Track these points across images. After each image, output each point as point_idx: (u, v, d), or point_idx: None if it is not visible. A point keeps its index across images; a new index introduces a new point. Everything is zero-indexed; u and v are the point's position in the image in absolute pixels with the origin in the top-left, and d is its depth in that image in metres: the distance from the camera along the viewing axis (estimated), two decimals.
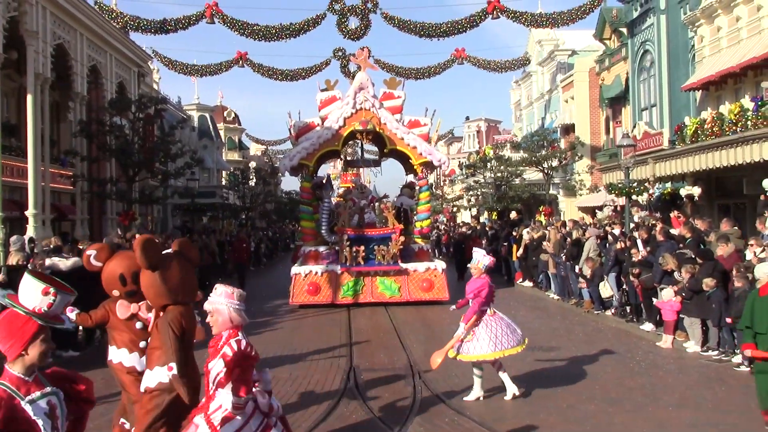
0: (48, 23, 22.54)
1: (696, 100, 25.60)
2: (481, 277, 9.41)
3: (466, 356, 9.25)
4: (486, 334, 9.16)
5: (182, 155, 28.64)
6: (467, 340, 9.23)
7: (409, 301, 18.83)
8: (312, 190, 20.62)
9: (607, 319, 16.09)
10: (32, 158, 19.05)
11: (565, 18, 30.85)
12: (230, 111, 69.72)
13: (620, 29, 31.76)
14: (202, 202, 42.77)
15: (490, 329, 9.20)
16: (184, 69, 34.86)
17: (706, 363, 11.55)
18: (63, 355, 12.51)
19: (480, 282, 9.36)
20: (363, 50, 22.32)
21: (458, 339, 9.30)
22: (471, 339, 9.22)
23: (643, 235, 15.46)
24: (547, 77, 45.31)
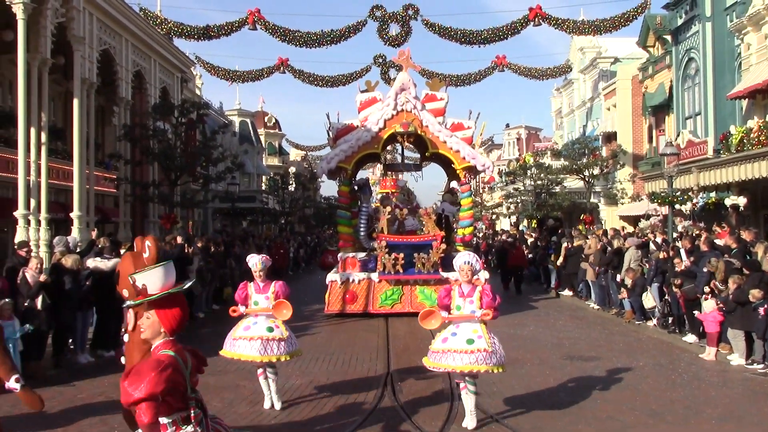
0: (94, 29, 22.98)
1: (742, 108, 25.13)
2: (475, 281, 8.42)
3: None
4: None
5: (223, 160, 28.93)
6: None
7: None
8: (350, 194, 20.10)
9: (649, 330, 15.85)
10: (77, 161, 19.38)
11: (608, 25, 30.61)
12: (271, 116, 70.25)
13: (664, 36, 31.35)
14: (242, 207, 43.14)
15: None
16: (226, 75, 35.32)
17: (750, 376, 11.30)
18: (105, 355, 12.68)
19: (488, 288, 8.32)
20: (405, 50, 21.63)
21: (466, 317, 8.13)
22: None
23: (687, 245, 15.21)
24: (589, 85, 44.88)
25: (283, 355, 9.02)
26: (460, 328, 8.14)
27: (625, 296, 17.31)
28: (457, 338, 8.08)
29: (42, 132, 18.13)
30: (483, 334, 8.08)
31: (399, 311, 18.01)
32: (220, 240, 22.54)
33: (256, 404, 9.37)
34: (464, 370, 8.00)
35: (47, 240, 16.50)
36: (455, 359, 7.99)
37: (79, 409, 9.22)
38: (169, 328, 4.27)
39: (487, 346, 7.99)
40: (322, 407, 9.34)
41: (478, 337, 8.03)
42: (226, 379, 10.52)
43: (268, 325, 9.03)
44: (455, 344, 8.04)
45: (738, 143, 21.88)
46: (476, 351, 7.94)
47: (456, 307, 8.23)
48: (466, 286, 8.29)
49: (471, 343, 7.99)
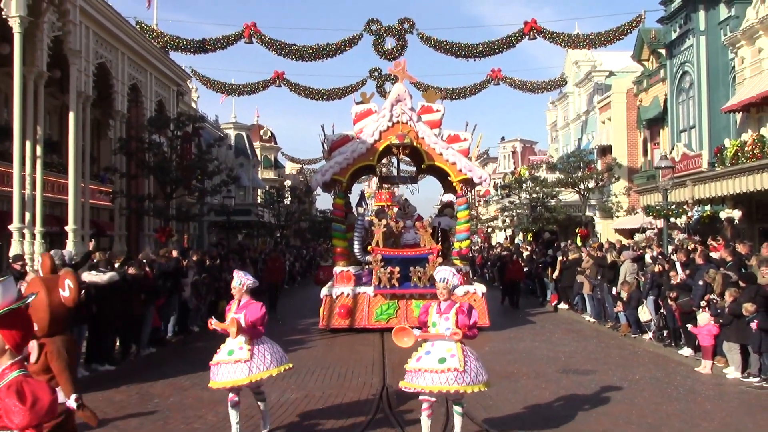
0: (91, 43, 23.01)
1: (736, 121, 25.25)
2: (453, 299, 8.16)
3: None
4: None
5: (219, 173, 28.92)
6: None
7: None
8: (345, 207, 19.82)
9: (645, 343, 15.84)
10: (73, 175, 19.36)
11: (602, 39, 30.75)
12: (266, 130, 70.33)
13: (659, 50, 31.55)
14: (237, 220, 43.08)
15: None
16: (221, 88, 35.37)
17: (746, 390, 11.29)
18: (99, 369, 12.63)
19: (466, 305, 8.12)
20: (400, 61, 21.33)
21: (439, 336, 7.85)
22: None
23: (682, 258, 15.23)
24: (584, 98, 45.06)
25: (248, 378, 8.21)
26: (435, 347, 7.86)
27: (620, 309, 17.31)
28: (431, 357, 7.81)
29: (37, 145, 18.11)
30: (457, 352, 7.74)
31: (395, 326, 17.73)
32: (215, 253, 22.50)
33: (251, 418, 9.33)
34: (433, 390, 7.71)
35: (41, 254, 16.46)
36: (426, 379, 7.72)
37: None
38: (13, 344, 4.01)
39: (459, 365, 7.65)
40: (317, 421, 9.31)
41: (451, 356, 7.72)
42: (220, 393, 10.45)
43: (229, 348, 8.35)
44: (428, 363, 7.77)
45: (732, 156, 21.97)
46: (447, 371, 7.64)
47: (432, 324, 7.97)
48: (444, 303, 8.04)
49: (443, 362, 7.69)
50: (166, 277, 15.58)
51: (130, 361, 13.74)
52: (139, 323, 14.19)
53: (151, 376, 12.17)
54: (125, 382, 11.75)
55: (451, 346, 7.79)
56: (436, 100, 20.12)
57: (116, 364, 13.17)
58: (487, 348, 15.41)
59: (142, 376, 12.36)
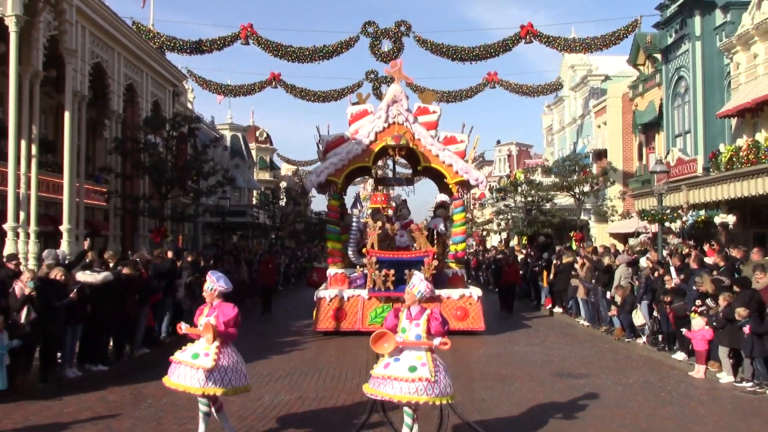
0: (87, 42, 23.00)
1: (731, 127, 25.32)
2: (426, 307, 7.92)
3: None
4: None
5: (214, 174, 28.93)
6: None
7: None
8: (340, 209, 19.63)
9: (639, 348, 15.86)
10: (68, 174, 19.34)
11: (598, 43, 30.83)
12: (262, 131, 70.33)
13: (654, 55, 31.61)
14: (232, 221, 43.09)
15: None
16: (218, 89, 35.37)
17: (739, 394, 11.31)
18: (93, 369, 12.60)
19: (437, 312, 7.94)
20: (397, 61, 21.08)
21: (417, 343, 7.62)
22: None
23: (677, 263, 15.27)
24: (580, 102, 45.13)
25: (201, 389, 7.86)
26: (404, 354, 7.60)
27: (614, 314, 17.32)
28: (400, 364, 7.51)
29: (32, 144, 18.10)
30: (427, 361, 7.49)
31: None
32: (210, 255, 22.47)
33: (245, 419, 9.33)
34: (402, 400, 7.44)
35: (36, 253, 16.44)
36: (394, 387, 7.41)
37: (65, 424, 9.14)
38: None
39: (430, 375, 7.38)
40: (311, 423, 9.30)
41: (422, 365, 7.46)
42: None
43: (194, 351, 7.99)
44: (397, 371, 7.47)
45: (727, 161, 22.03)
46: (417, 380, 7.35)
47: (402, 330, 7.73)
48: (414, 307, 7.80)
49: (413, 370, 7.41)
50: (161, 277, 15.54)
51: (124, 362, 13.71)
52: (133, 323, 14.16)
53: (144, 377, 12.13)
54: (119, 383, 11.72)
55: (421, 354, 7.55)
56: (433, 101, 19.89)
57: (110, 365, 13.14)
58: (481, 351, 15.45)
59: (136, 376, 12.34)
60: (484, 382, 12.11)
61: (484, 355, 14.99)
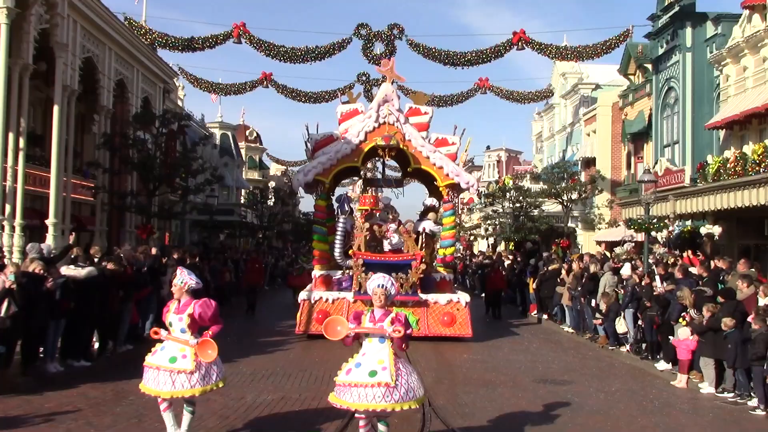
0: (78, 36, 22.88)
1: (719, 138, 25.48)
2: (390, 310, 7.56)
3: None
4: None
5: (203, 172, 28.85)
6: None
7: (427, 336, 16.94)
8: (327, 209, 19.21)
9: (622, 356, 15.91)
10: (55, 168, 19.24)
11: (590, 52, 30.96)
12: (252, 130, 70.20)
13: (645, 65, 31.79)
14: (220, 219, 42.98)
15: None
16: (209, 87, 35.30)
17: (720, 405, 11.37)
18: (75, 364, 12.52)
19: (402, 315, 7.51)
20: (389, 60, 20.62)
21: (376, 330, 7.25)
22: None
23: (661, 272, 15.34)
24: (570, 110, 45.29)
25: (191, 390, 7.75)
26: (366, 358, 7.20)
27: (600, 323, 17.34)
28: (361, 370, 7.13)
29: (20, 137, 18.00)
30: (389, 365, 7.08)
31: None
32: (196, 252, 22.37)
33: (227, 418, 9.30)
34: (359, 409, 7.06)
35: (21, 246, 16.33)
36: (353, 395, 7.07)
37: (45, 419, 9.07)
38: None
39: (390, 379, 6.99)
40: (293, 423, 9.27)
41: (382, 369, 7.05)
42: None
43: (171, 354, 7.75)
44: (357, 377, 7.10)
45: (715, 173, 22.16)
46: (376, 386, 6.97)
47: (366, 335, 7.35)
48: (378, 311, 7.38)
49: (373, 375, 7.03)
50: (143, 274, 15.42)
51: (107, 358, 13.63)
52: (116, 319, 14.09)
53: (127, 374, 12.05)
54: (101, 379, 11.65)
55: (383, 357, 7.14)
56: (425, 102, 19.44)
57: (92, 360, 13.06)
58: (465, 356, 15.44)
59: (118, 373, 12.27)
60: (468, 386, 12.12)
61: (468, 360, 14.99)
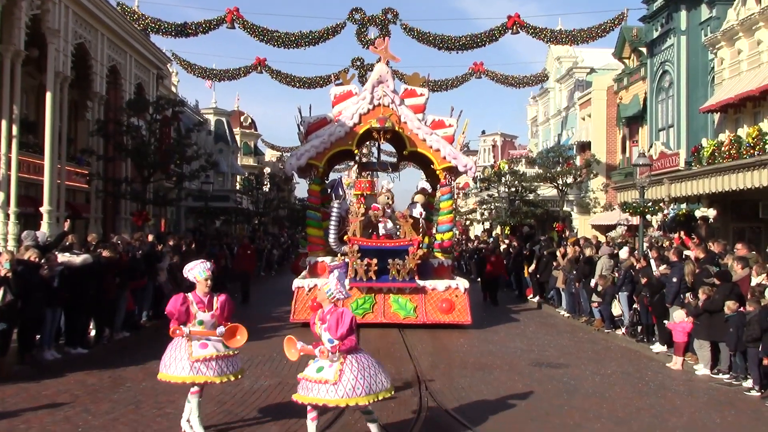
0: (70, 22, 22.73)
1: (714, 122, 25.49)
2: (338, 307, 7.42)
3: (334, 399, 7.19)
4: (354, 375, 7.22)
5: (197, 158, 28.78)
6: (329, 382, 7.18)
7: (425, 323, 16.71)
8: (321, 194, 18.78)
9: (618, 339, 15.97)
10: (49, 156, 19.17)
11: (584, 36, 30.84)
12: (247, 116, 69.95)
13: (640, 49, 31.74)
14: (215, 206, 42.90)
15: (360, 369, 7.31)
16: (202, 73, 35.10)
17: (716, 386, 11.44)
18: (72, 351, 12.52)
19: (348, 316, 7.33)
20: (383, 39, 19.91)
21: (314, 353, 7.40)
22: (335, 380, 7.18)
23: (655, 255, 15.38)
24: (565, 94, 45.25)
25: (233, 374, 8.11)
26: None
27: (597, 306, 17.34)
28: (312, 366, 7.40)
29: (13, 125, 17.92)
30: (335, 361, 7.24)
31: (371, 321, 16.56)
32: (191, 240, 22.28)
33: (224, 404, 9.32)
34: (304, 401, 7.32)
35: (16, 234, 16.30)
36: (303, 388, 7.37)
37: (42, 406, 9.09)
38: None
39: (332, 377, 7.13)
40: (291, 409, 9.28)
41: (329, 366, 7.24)
42: None
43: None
44: (308, 371, 7.36)
45: (709, 156, 22.17)
46: (320, 382, 7.17)
47: (319, 333, 7.43)
48: (327, 305, 7.42)
49: (319, 371, 7.25)
50: (138, 261, 15.38)
51: (104, 345, 13.63)
52: (112, 307, 14.08)
53: (124, 361, 12.09)
54: (98, 366, 11.66)
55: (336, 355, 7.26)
56: (421, 83, 18.96)
57: (89, 348, 13.07)
58: (462, 341, 15.49)
59: (115, 360, 12.28)
60: (464, 370, 12.17)
61: (464, 344, 15.03)
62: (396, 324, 16.71)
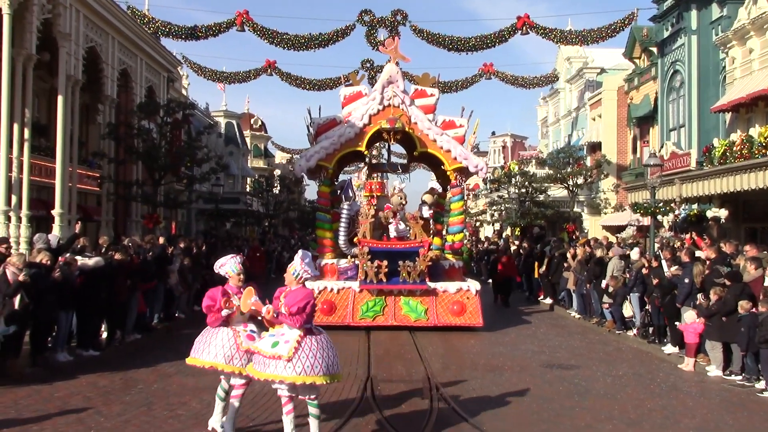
0: (81, 26, 22.85)
1: (725, 121, 25.37)
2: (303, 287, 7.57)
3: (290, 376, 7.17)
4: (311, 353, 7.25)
5: (208, 160, 28.88)
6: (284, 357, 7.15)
7: (437, 325, 16.57)
8: (331, 195, 18.66)
9: (629, 340, 15.92)
10: (60, 159, 19.28)
11: (594, 36, 30.74)
12: (257, 119, 70.09)
13: (650, 48, 31.63)
14: (226, 208, 43.03)
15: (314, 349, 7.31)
16: (213, 75, 35.19)
17: (728, 387, 11.39)
18: (84, 354, 12.58)
19: (306, 296, 7.41)
20: (393, 38, 19.78)
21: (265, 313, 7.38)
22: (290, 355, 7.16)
23: (667, 255, 15.32)
24: (575, 95, 45.14)
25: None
26: (278, 329, 7.38)
27: (608, 307, 17.27)
28: (266, 339, 7.39)
29: (25, 128, 18.04)
30: (291, 338, 7.20)
31: (381, 324, 16.51)
32: (201, 242, 22.34)
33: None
34: (260, 377, 7.28)
35: (27, 237, 16.40)
36: (258, 363, 7.30)
37: (55, 408, 9.14)
38: None
39: (287, 353, 7.09)
40: (301, 410, 9.29)
41: (285, 342, 7.19)
42: (205, 380, 10.42)
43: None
44: (263, 345, 7.32)
45: (721, 156, 22.08)
46: (275, 357, 7.13)
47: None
48: (295, 285, 7.55)
49: (275, 346, 7.20)
50: (149, 264, 15.45)
51: (115, 347, 13.69)
52: (124, 309, 14.14)
53: (135, 363, 12.14)
54: (109, 368, 11.71)
55: (288, 333, 7.26)
56: (431, 84, 18.80)
57: (101, 350, 13.13)
58: (472, 342, 15.48)
59: (127, 362, 12.33)
60: (475, 371, 12.16)
61: (475, 346, 15.02)
62: (407, 327, 16.59)
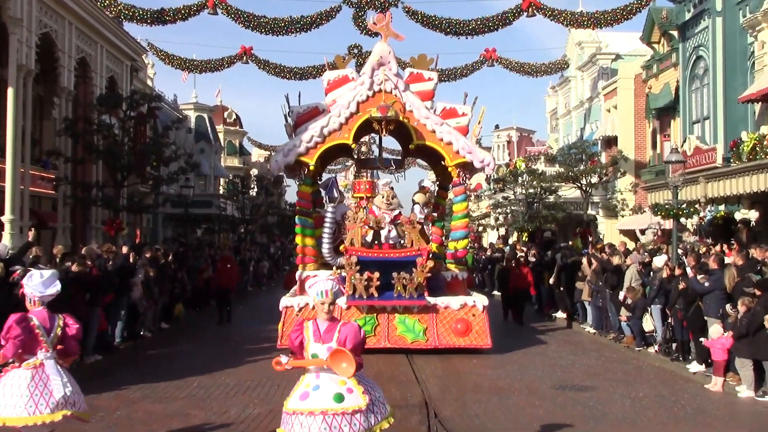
0: (34, 10, 22.79)
1: (755, 113, 25.44)
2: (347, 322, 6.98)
3: None
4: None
5: (176, 159, 28.82)
6: None
7: (437, 348, 15.85)
8: (313, 197, 18.04)
9: (650, 357, 15.94)
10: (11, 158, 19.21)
11: (608, 18, 30.81)
12: (231, 112, 70.05)
13: (670, 32, 31.72)
14: (196, 213, 42.85)
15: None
16: (181, 64, 35.11)
17: (761, 410, 11.41)
18: None
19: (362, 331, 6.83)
20: (385, 14, 19.26)
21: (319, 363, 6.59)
22: None
23: (692, 262, 15.34)
24: (588, 83, 45.25)
25: None
26: (322, 378, 6.52)
27: (625, 320, 17.29)
28: (321, 393, 6.44)
29: None
30: (353, 384, 6.47)
31: (373, 347, 14.85)
32: (176, 249, 22.26)
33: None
34: None
35: None
36: (317, 423, 6.32)
37: None
38: None
39: (362, 401, 6.41)
40: None
41: (348, 391, 6.43)
42: (174, 406, 10.42)
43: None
44: (321, 402, 6.40)
45: (750, 151, 22.12)
46: (351, 413, 6.33)
47: (312, 356, 6.60)
48: (323, 323, 6.71)
49: (340, 400, 6.36)
50: (110, 275, 15.37)
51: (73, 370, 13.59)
52: (83, 328, 14.04)
53: (96, 387, 12.05)
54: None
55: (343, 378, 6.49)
56: (429, 66, 17.95)
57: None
58: (474, 361, 15.45)
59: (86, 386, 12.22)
60: (478, 395, 12.14)
61: (477, 365, 15.00)
62: (403, 350, 16.00)
